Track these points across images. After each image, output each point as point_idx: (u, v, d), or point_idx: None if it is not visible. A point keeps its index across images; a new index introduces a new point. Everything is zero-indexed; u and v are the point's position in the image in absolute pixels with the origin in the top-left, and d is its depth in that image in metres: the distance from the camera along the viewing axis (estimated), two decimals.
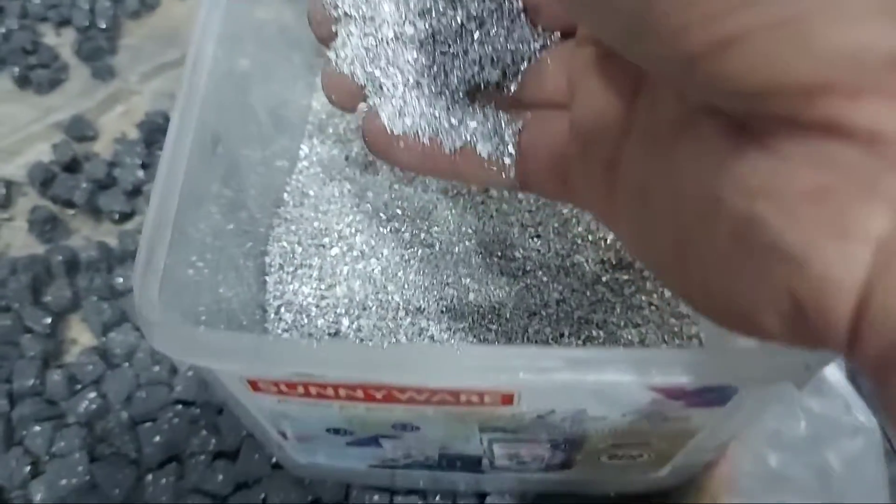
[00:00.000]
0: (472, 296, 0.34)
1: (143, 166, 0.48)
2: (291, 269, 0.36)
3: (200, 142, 0.28)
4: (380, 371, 0.23)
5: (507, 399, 0.25)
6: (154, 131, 0.50)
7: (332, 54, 0.26)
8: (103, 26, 0.54)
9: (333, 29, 0.26)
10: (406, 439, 0.29)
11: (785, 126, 0.14)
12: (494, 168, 0.25)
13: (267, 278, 0.36)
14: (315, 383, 0.25)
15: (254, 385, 0.25)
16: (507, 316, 0.34)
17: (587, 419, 0.26)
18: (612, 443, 0.29)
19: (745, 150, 0.15)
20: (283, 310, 0.35)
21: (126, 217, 0.47)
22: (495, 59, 0.24)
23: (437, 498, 0.38)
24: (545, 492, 0.37)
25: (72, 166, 0.49)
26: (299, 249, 0.36)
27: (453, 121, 0.25)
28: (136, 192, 0.48)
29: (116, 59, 0.53)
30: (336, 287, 0.35)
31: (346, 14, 0.25)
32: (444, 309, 0.34)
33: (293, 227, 0.37)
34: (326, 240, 0.36)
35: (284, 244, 0.36)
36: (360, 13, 0.25)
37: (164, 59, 0.53)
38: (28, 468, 0.39)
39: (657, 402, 0.24)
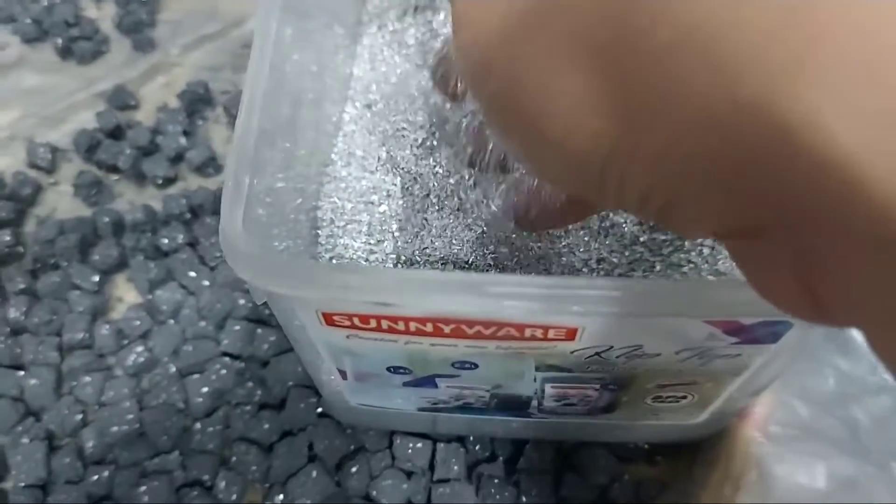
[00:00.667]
0: (518, 253, 0.35)
1: (185, 134, 0.50)
2: (342, 223, 0.37)
3: (270, 98, 0.29)
4: (463, 298, 0.24)
5: (571, 334, 0.26)
6: (195, 101, 0.51)
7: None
8: (143, 0, 0.56)
9: None
10: (462, 379, 0.31)
11: None
12: None
13: (319, 232, 0.37)
14: (388, 316, 0.26)
15: (328, 318, 0.27)
16: (552, 272, 0.35)
17: (642, 356, 0.28)
18: (660, 383, 0.30)
19: None
20: (333, 262, 0.36)
21: (169, 182, 0.48)
22: None
23: (477, 447, 0.39)
24: (581, 441, 0.38)
25: (115, 133, 0.50)
26: (349, 206, 0.38)
27: None
28: (178, 158, 0.49)
29: (156, 31, 0.55)
30: (384, 242, 0.37)
31: None
32: (490, 263, 0.35)
33: (342, 185, 0.38)
34: (374, 197, 0.38)
35: (335, 200, 0.38)
36: None
37: (204, 31, 0.54)
38: (79, 416, 0.41)
39: (712, 336, 0.26)
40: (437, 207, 0.37)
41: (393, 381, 0.32)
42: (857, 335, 0.40)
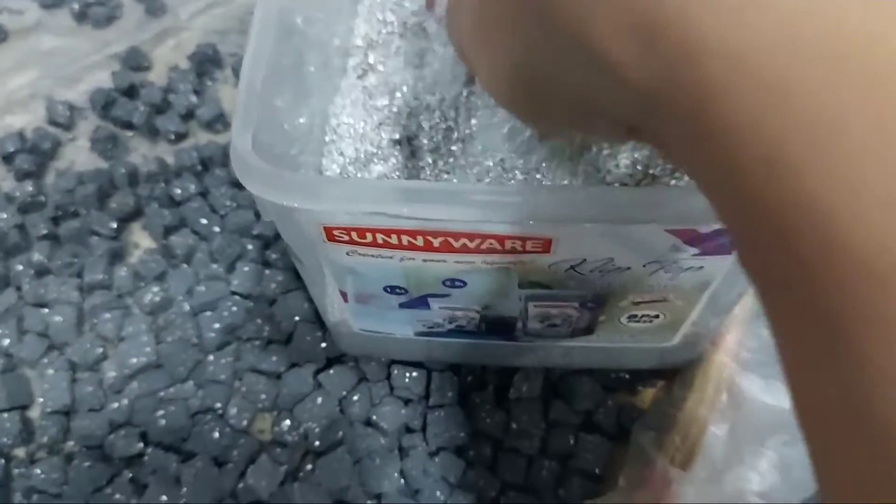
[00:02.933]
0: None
1: (195, 93, 0.52)
2: (347, 156, 0.40)
3: (280, 29, 0.32)
4: (447, 207, 0.27)
5: (546, 245, 0.29)
6: (204, 62, 0.54)
7: None
8: None
9: None
10: (453, 298, 0.34)
11: None
12: None
13: (324, 162, 0.40)
14: (383, 229, 0.29)
15: (329, 233, 0.30)
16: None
17: (614, 269, 0.30)
18: (633, 300, 0.33)
19: None
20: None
21: (181, 137, 0.51)
22: None
23: (469, 378, 0.42)
24: (568, 369, 0.41)
25: (130, 92, 0.53)
26: (353, 144, 0.40)
27: None
28: (189, 115, 0.52)
29: None
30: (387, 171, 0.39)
31: None
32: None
33: (347, 122, 0.41)
34: (379, 133, 0.40)
35: (341, 133, 0.40)
36: None
37: None
38: (100, 350, 0.44)
39: (676, 247, 0.29)
40: (440, 135, 0.39)
41: (390, 303, 0.35)
42: None
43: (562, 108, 0.20)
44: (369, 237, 0.29)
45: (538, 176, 0.36)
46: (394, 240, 0.29)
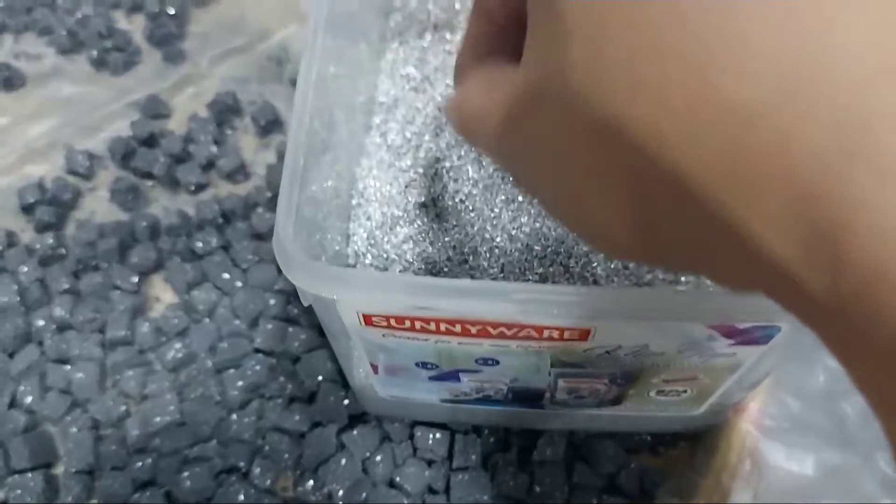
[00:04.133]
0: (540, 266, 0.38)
1: (216, 142, 0.53)
2: (372, 228, 0.40)
3: (316, 117, 0.32)
4: (490, 304, 0.27)
5: (584, 335, 0.29)
6: (224, 111, 0.54)
7: None
8: (172, 13, 0.59)
9: None
10: (483, 374, 0.34)
11: None
12: None
13: (350, 236, 0.40)
14: (422, 318, 0.29)
15: (367, 319, 0.30)
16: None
17: (648, 354, 0.31)
18: (664, 378, 0.33)
19: None
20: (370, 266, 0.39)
21: (201, 188, 0.52)
22: None
23: (492, 439, 0.42)
24: (591, 431, 0.42)
25: (149, 141, 0.53)
26: (379, 211, 0.41)
27: None
28: (209, 165, 0.52)
29: (186, 43, 0.58)
30: (411, 246, 0.39)
31: None
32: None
33: (372, 192, 0.41)
34: (402, 204, 0.41)
35: (367, 206, 0.41)
36: None
37: (232, 44, 0.57)
38: (123, 408, 0.44)
39: (711, 338, 0.29)
40: (459, 215, 0.40)
41: (420, 375, 0.35)
42: None
43: (682, 264, 0.18)
44: (407, 324, 0.30)
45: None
46: (431, 326, 0.30)
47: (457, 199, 0.40)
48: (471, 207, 0.39)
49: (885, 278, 0.12)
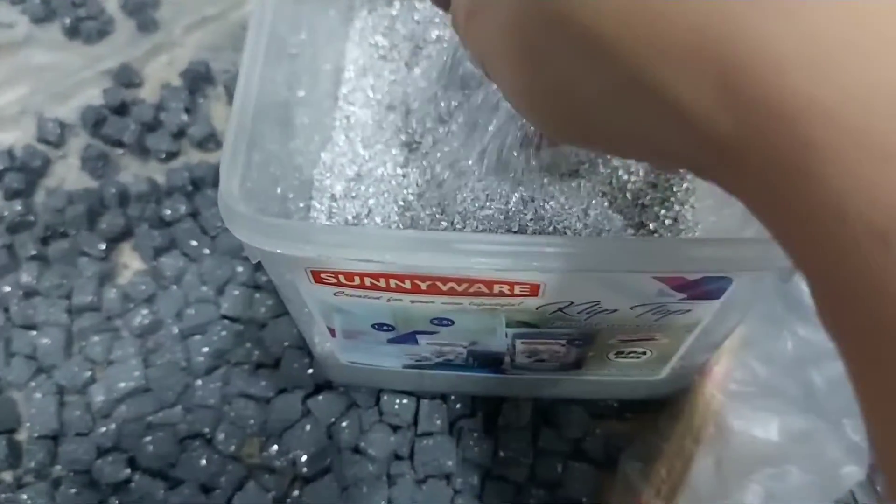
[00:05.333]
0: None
1: (187, 111, 0.52)
2: (335, 192, 0.40)
3: (266, 76, 0.32)
4: (434, 255, 0.27)
5: (535, 289, 0.29)
6: (196, 79, 0.54)
7: None
8: None
9: None
10: (441, 335, 0.34)
11: None
12: None
13: (312, 201, 0.40)
14: (371, 273, 0.29)
15: (316, 276, 0.29)
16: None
17: (601, 311, 0.30)
18: (621, 338, 0.33)
19: None
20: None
21: (172, 156, 0.51)
22: None
23: (458, 405, 0.42)
24: (557, 398, 0.41)
25: (120, 110, 0.53)
26: (341, 181, 0.40)
27: None
28: (180, 133, 0.52)
29: (159, 13, 0.57)
30: (373, 211, 0.39)
31: None
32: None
33: (337, 158, 0.41)
34: (367, 168, 0.40)
35: (329, 172, 0.40)
36: None
37: (205, 13, 0.57)
38: (88, 373, 0.44)
39: (662, 293, 0.29)
40: (427, 176, 0.39)
41: (378, 338, 0.35)
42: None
43: (606, 139, 0.18)
44: (357, 280, 0.29)
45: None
46: (381, 283, 0.29)
47: (424, 165, 0.39)
48: (441, 176, 0.39)
49: (780, 112, 0.12)
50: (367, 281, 0.29)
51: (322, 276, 0.29)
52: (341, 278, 0.29)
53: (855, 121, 0.12)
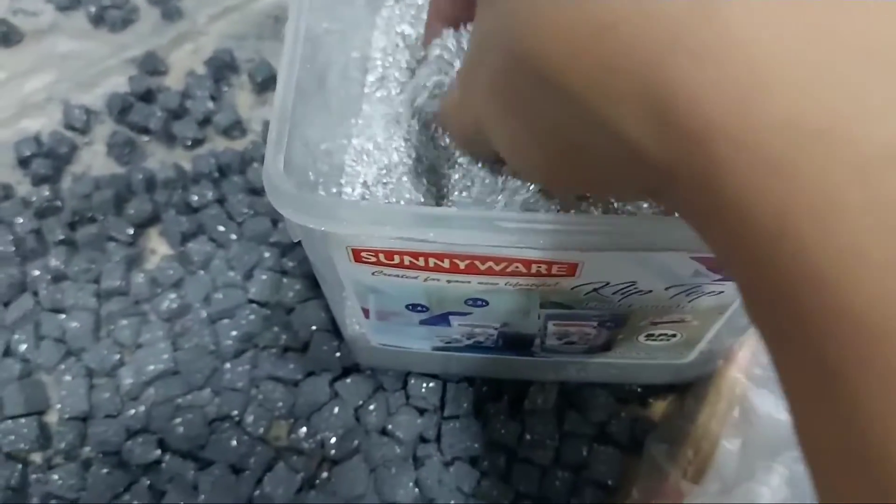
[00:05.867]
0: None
1: (212, 98, 0.53)
2: (367, 175, 0.40)
3: (306, 64, 0.33)
4: (476, 233, 0.27)
5: (572, 269, 0.29)
6: (221, 68, 0.54)
7: None
8: None
9: None
10: (473, 316, 0.34)
11: None
12: None
13: (344, 180, 0.40)
14: (411, 252, 0.29)
15: (356, 254, 0.30)
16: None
17: (635, 292, 0.31)
18: (652, 320, 0.34)
19: None
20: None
21: (198, 143, 0.52)
22: None
23: (484, 388, 0.43)
24: (583, 382, 0.42)
25: (146, 97, 0.53)
26: (372, 163, 0.41)
27: None
28: (206, 121, 0.52)
29: (183, 2, 0.58)
30: (403, 191, 0.39)
31: None
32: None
33: (366, 143, 0.41)
34: (394, 155, 0.41)
35: (361, 152, 0.41)
36: None
37: (229, 2, 0.57)
38: (117, 356, 0.44)
39: (698, 273, 0.29)
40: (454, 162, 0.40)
41: (411, 319, 0.35)
42: None
43: (582, 177, 0.21)
44: (396, 259, 0.30)
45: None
46: (420, 262, 0.30)
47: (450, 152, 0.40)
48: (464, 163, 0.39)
49: (697, 137, 0.15)
50: (407, 259, 0.30)
51: (363, 254, 0.30)
52: (381, 257, 0.30)
53: (750, 140, 0.14)
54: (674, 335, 0.35)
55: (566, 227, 0.27)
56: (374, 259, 0.30)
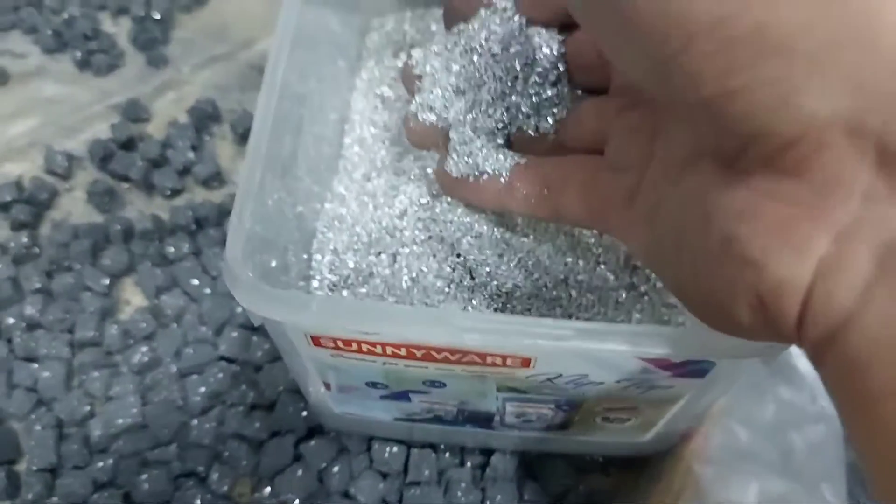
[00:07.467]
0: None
1: (193, 148, 0.53)
2: (336, 247, 0.41)
3: (276, 129, 0.33)
4: (429, 330, 0.28)
5: (526, 362, 0.30)
6: (203, 118, 0.55)
7: (413, 104, 0.32)
8: (158, 17, 0.59)
9: (416, 85, 0.32)
10: (432, 395, 0.35)
11: (763, 166, 0.19)
12: (533, 201, 0.30)
13: (313, 256, 0.41)
14: (368, 341, 0.30)
15: (315, 340, 0.31)
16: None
17: (588, 383, 0.32)
18: (606, 406, 0.34)
19: (732, 183, 0.20)
20: (324, 288, 0.40)
21: (176, 193, 0.52)
22: (537, 110, 0.31)
23: (447, 454, 0.43)
24: (544, 452, 0.42)
25: (128, 145, 0.54)
26: (343, 235, 0.41)
27: (491, 164, 0.31)
28: (185, 171, 0.53)
29: (169, 48, 0.59)
30: (373, 275, 0.40)
31: (424, 72, 0.32)
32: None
33: (339, 211, 0.42)
34: (366, 229, 0.41)
35: (331, 227, 0.41)
36: (433, 70, 0.32)
37: (214, 52, 0.58)
38: (87, 408, 0.45)
39: (647, 370, 0.30)
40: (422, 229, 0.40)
41: (372, 395, 0.36)
42: (800, 364, 0.44)
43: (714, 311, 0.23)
44: (354, 346, 0.31)
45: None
46: (378, 349, 0.31)
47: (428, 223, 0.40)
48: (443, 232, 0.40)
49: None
50: (364, 347, 0.31)
51: (321, 340, 0.31)
52: (339, 343, 0.31)
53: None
54: (629, 419, 0.36)
55: (516, 328, 0.28)
56: (332, 345, 0.31)
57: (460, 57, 0.33)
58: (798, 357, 0.44)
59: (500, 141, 0.33)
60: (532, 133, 0.32)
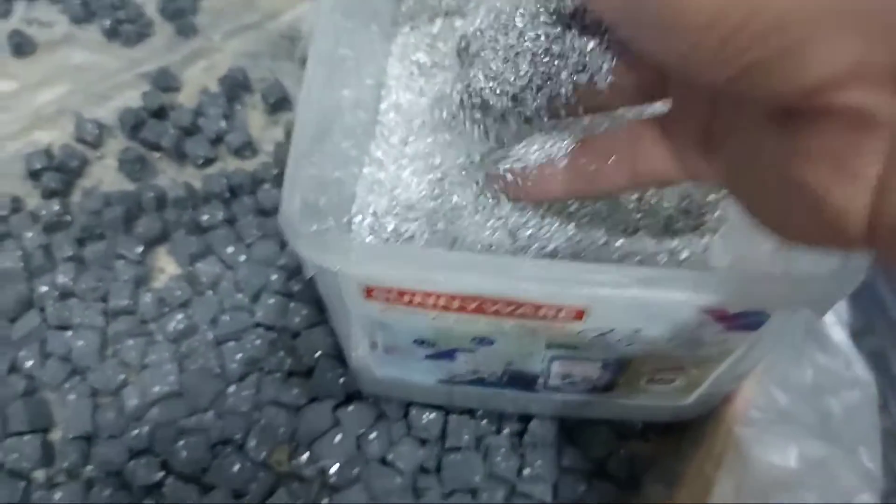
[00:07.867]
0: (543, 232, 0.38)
1: (225, 117, 0.53)
2: (377, 206, 0.40)
3: (324, 98, 0.33)
4: (487, 278, 0.27)
5: (580, 314, 0.30)
6: (234, 87, 0.55)
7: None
8: None
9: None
10: (479, 354, 0.35)
11: (802, 117, 0.20)
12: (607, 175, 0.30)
13: (354, 211, 0.40)
14: (422, 292, 0.30)
15: (368, 292, 0.30)
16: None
17: (639, 340, 0.31)
18: (653, 366, 0.34)
19: (784, 132, 0.22)
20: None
21: (209, 162, 0.52)
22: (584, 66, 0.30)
23: (485, 421, 0.43)
24: (583, 417, 0.42)
25: (159, 113, 0.54)
26: (383, 193, 0.41)
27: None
28: (218, 140, 0.53)
29: (198, 18, 0.58)
30: (414, 224, 0.40)
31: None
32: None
33: (378, 173, 0.42)
34: (405, 182, 0.41)
35: (372, 183, 0.41)
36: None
37: (244, 21, 0.58)
38: (122, 377, 0.44)
39: (702, 324, 0.30)
40: (462, 192, 0.40)
41: (417, 354, 0.36)
42: (833, 333, 0.44)
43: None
44: (407, 297, 0.30)
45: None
46: (430, 301, 0.30)
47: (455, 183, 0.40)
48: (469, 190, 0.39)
49: None
50: (417, 298, 0.30)
51: (374, 291, 0.30)
52: (392, 295, 0.30)
53: None
54: (674, 380, 0.36)
55: (577, 275, 0.27)
56: (385, 297, 0.31)
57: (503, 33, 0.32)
58: (831, 326, 0.44)
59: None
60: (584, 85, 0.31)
